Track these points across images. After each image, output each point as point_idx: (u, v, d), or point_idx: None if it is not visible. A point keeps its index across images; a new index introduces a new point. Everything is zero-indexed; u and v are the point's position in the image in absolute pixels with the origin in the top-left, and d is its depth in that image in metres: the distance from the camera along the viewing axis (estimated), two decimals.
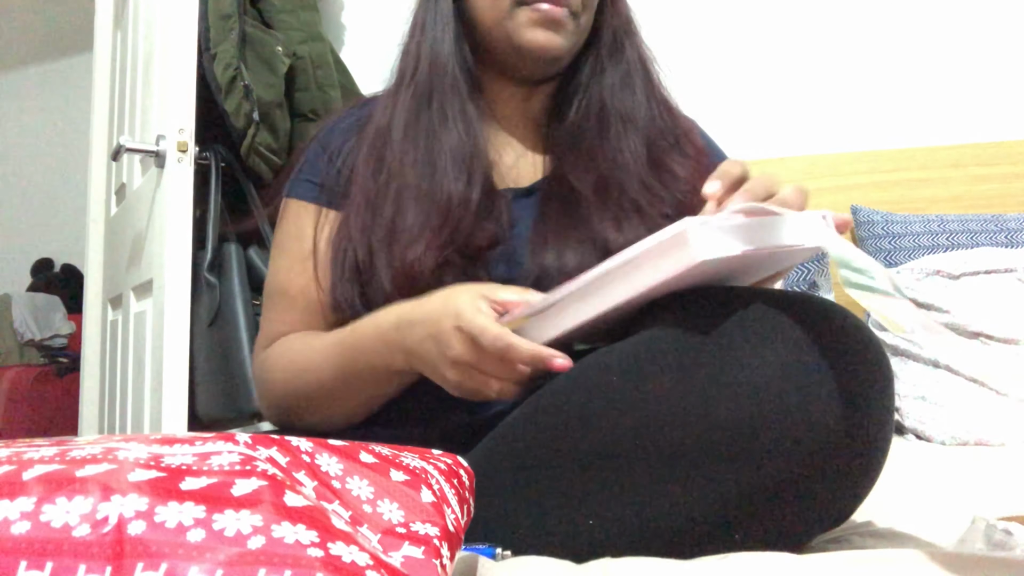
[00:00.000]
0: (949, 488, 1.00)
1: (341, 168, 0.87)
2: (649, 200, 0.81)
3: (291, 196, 0.90)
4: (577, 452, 0.59)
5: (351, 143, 0.88)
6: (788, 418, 0.53)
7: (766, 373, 0.53)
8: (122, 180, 1.91)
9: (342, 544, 0.34)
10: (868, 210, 1.75)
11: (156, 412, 1.46)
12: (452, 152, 0.82)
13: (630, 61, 0.88)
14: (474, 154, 0.82)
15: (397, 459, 0.45)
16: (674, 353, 0.56)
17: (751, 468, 0.54)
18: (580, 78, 0.88)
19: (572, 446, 0.60)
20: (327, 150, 0.89)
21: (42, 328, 3.46)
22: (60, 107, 4.05)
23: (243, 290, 1.61)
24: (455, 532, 0.43)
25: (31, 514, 0.32)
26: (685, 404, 0.55)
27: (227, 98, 1.63)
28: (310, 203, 0.88)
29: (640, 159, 0.84)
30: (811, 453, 0.53)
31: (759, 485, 0.54)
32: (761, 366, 0.53)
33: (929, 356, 1.44)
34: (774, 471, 0.54)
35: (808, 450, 0.53)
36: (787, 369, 0.53)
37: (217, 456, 0.38)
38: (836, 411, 0.53)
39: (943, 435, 1.37)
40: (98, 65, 2.20)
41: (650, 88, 0.89)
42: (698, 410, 0.54)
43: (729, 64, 1.94)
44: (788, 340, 0.54)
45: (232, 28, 1.65)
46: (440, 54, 0.85)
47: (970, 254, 1.49)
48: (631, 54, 0.89)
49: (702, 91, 1.85)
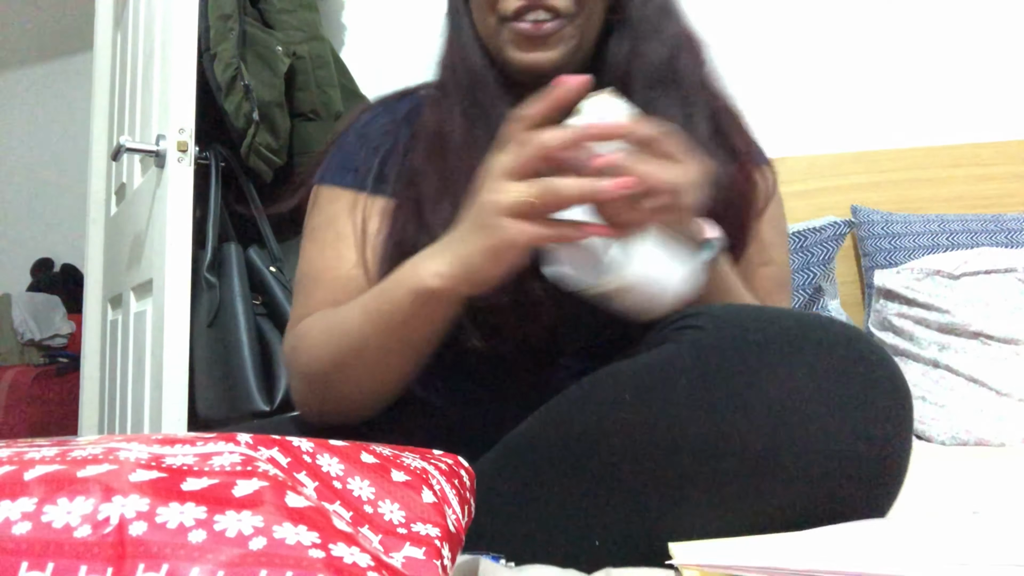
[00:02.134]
0: (949, 488, 1.00)
1: (387, 159, 0.83)
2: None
3: (323, 183, 0.86)
4: (586, 468, 0.58)
5: (403, 137, 0.84)
6: (805, 445, 0.52)
7: (783, 399, 0.52)
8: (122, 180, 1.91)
9: (343, 545, 0.34)
10: (868, 210, 1.75)
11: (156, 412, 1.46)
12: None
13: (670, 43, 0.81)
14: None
15: (398, 459, 0.45)
16: (690, 375, 0.55)
17: (765, 495, 0.53)
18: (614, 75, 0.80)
19: (582, 462, 0.59)
20: (368, 141, 0.86)
21: (42, 328, 3.46)
22: (60, 107, 4.05)
23: (243, 290, 1.61)
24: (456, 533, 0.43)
25: (32, 514, 0.32)
26: (701, 428, 0.53)
27: (227, 98, 1.63)
28: (345, 188, 0.84)
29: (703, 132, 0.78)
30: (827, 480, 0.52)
31: (774, 509, 0.53)
32: (779, 392, 0.52)
33: (929, 356, 1.44)
34: (789, 496, 0.53)
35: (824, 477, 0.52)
36: (805, 396, 0.52)
37: (218, 457, 0.38)
38: (854, 440, 0.52)
39: (943, 435, 1.37)
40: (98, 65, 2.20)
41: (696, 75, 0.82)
42: (713, 435, 0.53)
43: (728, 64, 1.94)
44: (807, 366, 0.53)
45: (232, 28, 1.65)
46: (474, 67, 0.82)
47: (970, 254, 1.49)
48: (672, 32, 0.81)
49: None
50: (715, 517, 0.55)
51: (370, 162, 0.84)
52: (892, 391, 0.54)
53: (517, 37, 0.77)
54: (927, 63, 1.89)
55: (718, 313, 0.58)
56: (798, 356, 0.53)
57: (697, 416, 0.54)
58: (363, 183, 0.84)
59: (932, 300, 1.45)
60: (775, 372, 0.53)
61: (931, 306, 1.45)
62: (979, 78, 1.87)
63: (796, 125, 1.91)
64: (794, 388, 0.52)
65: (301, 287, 0.85)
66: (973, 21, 1.88)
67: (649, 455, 0.55)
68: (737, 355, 0.54)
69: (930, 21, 1.90)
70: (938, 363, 1.42)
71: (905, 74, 1.89)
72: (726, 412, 0.53)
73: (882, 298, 1.57)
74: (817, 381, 0.52)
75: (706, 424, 0.53)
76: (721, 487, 0.54)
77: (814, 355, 0.53)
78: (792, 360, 0.53)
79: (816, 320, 0.56)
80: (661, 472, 0.55)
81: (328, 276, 0.83)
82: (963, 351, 1.40)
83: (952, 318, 1.42)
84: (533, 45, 0.77)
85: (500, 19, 0.77)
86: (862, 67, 1.91)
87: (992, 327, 1.39)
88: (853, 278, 1.82)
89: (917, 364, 1.46)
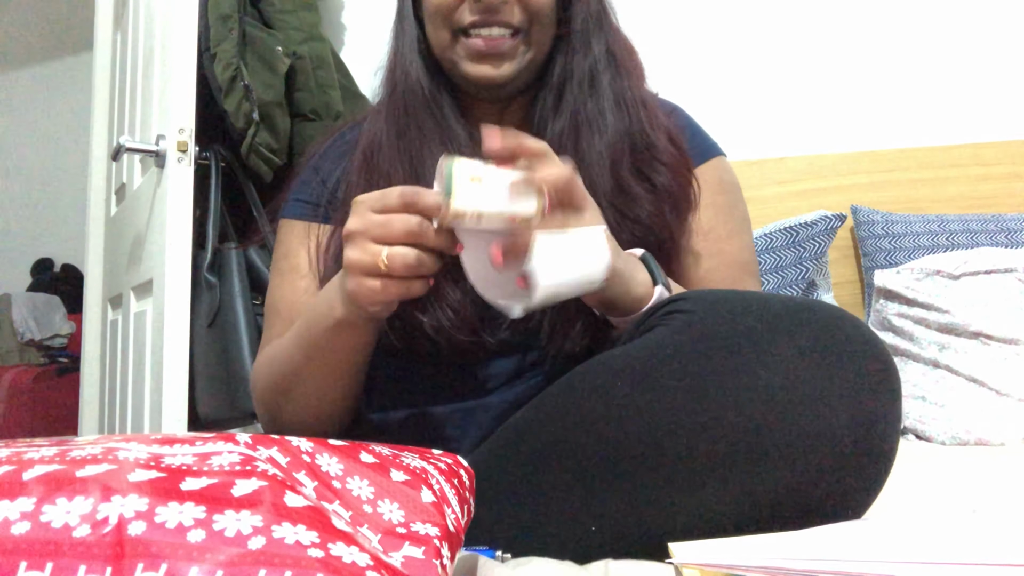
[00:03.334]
0: (949, 488, 1.00)
1: (335, 188, 0.87)
2: (615, 218, 0.77)
3: (283, 216, 0.91)
4: (582, 457, 0.59)
5: (345, 164, 0.88)
6: (796, 427, 0.52)
7: (773, 382, 0.53)
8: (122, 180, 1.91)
9: (342, 544, 0.34)
10: (868, 210, 1.75)
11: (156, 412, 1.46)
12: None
13: (597, 57, 0.82)
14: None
15: (397, 459, 0.45)
16: (681, 360, 0.56)
17: (758, 476, 0.54)
18: (552, 84, 0.83)
19: (576, 451, 0.59)
20: (320, 172, 0.90)
21: (42, 328, 3.46)
22: (60, 107, 4.05)
23: (243, 290, 1.61)
24: (455, 532, 0.43)
25: (31, 514, 0.32)
26: (693, 413, 0.54)
27: (227, 98, 1.63)
28: (298, 220, 0.89)
29: (605, 173, 0.79)
30: (818, 462, 0.53)
31: (766, 492, 0.54)
32: (769, 375, 0.53)
33: (929, 356, 1.44)
34: (781, 479, 0.54)
35: (815, 459, 0.53)
36: (795, 378, 0.53)
37: (217, 456, 0.38)
38: (844, 420, 0.53)
39: (943, 435, 1.37)
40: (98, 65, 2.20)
41: (619, 86, 0.82)
42: (705, 419, 0.54)
43: (729, 64, 1.94)
44: (796, 348, 0.54)
45: (232, 28, 1.65)
46: (410, 77, 0.84)
47: (970, 254, 1.48)
48: (597, 49, 0.82)
49: (702, 91, 1.85)
50: (710, 500, 0.55)
51: (321, 191, 0.88)
52: (880, 370, 0.55)
53: (471, 52, 0.78)
54: (927, 63, 1.89)
55: (707, 296, 0.59)
56: (787, 339, 0.54)
57: (690, 401, 0.54)
58: (315, 213, 0.88)
59: (932, 300, 1.45)
60: (765, 356, 0.54)
61: (931, 306, 1.45)
62: (979, 78, 1.87)
63: (796, 125, 1.91)
64: (785, 371, 0.53)
65: (266, 319, 0.90)
66: (973, 21, 1.88)
67: (643, 441, 0.56)
68: (727, 340, 0.55)
69: (930, 21, 1.90)
70: (938, 363, 1.42)
71: (905, 74, 1.89)
72: (718, 397, 0.54)
73: (882, 298, 1.57)
74: (806, 363, 0.53)
75: (699, 409, 0.54)
76: (714, 470, 0.54)
77: (803, 337, 0.54)
78: (782, 343, 0.54)
79: (803, 303, 0.57)
80: (655, 458, 0.56)
81: (283, 307, 0.87)
82: (963, 351, 1.40)
83: (952, 318, 1.42)
84: (487, 60, 0.78)
85: (454, 33, 0.79)
86: (862, 67, 1.91)
87: (992, 327, 1.39)
88: (853, 278, 1.82)
89: (917, 364, 1.46)
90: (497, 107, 0.87)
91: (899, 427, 0.57)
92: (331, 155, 0.91)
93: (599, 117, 0.81)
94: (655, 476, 0.56)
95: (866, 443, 0.54)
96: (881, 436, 0.54)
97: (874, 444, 0.54)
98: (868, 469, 0.55)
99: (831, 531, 0.50)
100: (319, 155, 0.92)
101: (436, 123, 0.83)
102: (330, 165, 0.90)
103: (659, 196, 0.80)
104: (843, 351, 0.54)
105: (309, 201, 0.89)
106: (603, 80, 0.82)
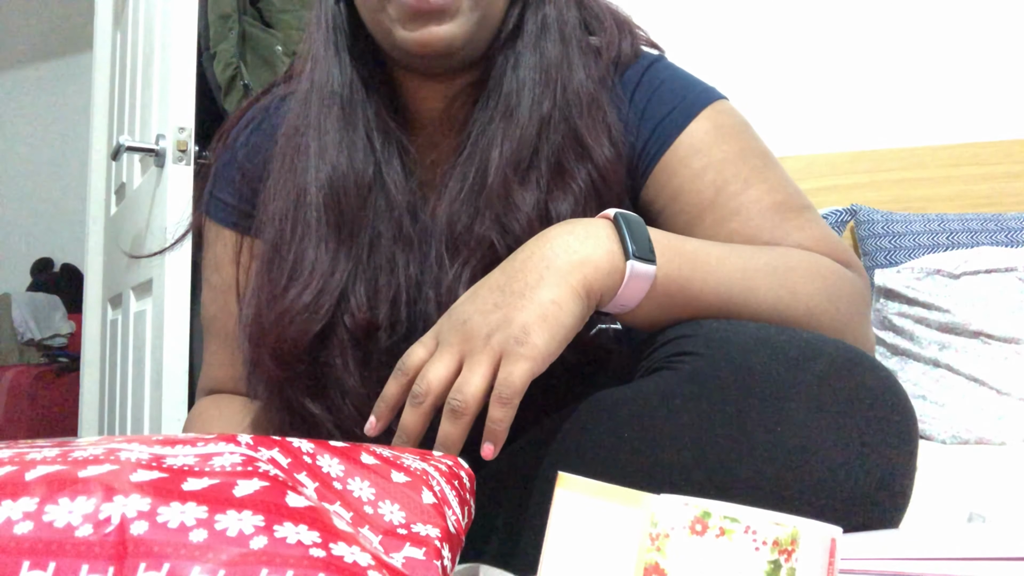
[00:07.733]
0: (949, 488, 1.00)
1: (257, 187, 0.76)
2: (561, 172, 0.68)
3: (208, 215, 0.80)
4: None
5: (263, 156, 0.76)
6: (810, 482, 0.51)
7: (789, 442, 0.51)
8: (122, 180, 1.91)
9: (344, 545, 0.34)
10: (868, 210, 1.75)
11: (156, 412, 1.46)
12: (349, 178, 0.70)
13: (547, 16, 0.70)
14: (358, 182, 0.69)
15: (398, 460, 0.45)
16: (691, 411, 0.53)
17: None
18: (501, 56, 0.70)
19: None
20: (245, 172, 0.78)
21: (42, 328, 3.46)
22: (60, 107, 4.05)
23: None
24: (456, 533, 0.43)
25: (34, 514, 0.32)
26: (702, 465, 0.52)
27: (227, 97, 1.63)
28: (226, 229, 0.79)
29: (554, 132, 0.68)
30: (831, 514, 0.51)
31: None
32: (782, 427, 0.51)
33: (929, 355, 1.44)
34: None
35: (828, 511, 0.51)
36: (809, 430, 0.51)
37: (219, 457, 0.38)
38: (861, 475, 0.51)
39: (943, 435, 1.37)
40: (98, 65, 2.20)
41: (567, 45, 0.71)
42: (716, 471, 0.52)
43: (728, 64, 1.94)
44: (812, 399, 0.51)
45: (232, 28, 1.65)
46: (319, 61, 0.71)
47: (970, 253, 1.49)
48: (550, 10, 0.71)
49: None
50: None
51: (248, 197, 0.77)
52: (899, 422, 0.53)
53: (403, 13, 0.64)
54: (927, 63, 1.89)
55: (715, 336, 0.55)
56: (802, 388, 0.51)
57: (700, 453, 0.52)
58: (246, 224, 0.77)
59: (932, 299, 1.45)
60: (778, 405, 0.51)
61: (931, 305, 1.45)
62: (979, 78, 1.87)
63: (796, 125, 1.91)
64: (798, 422, 0.51)
65: (205, 335, 0.84)
66: (973, 21, 1.88)
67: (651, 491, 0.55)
68: (738, 386, 0.52)
69: (930, 21, 1.90)
70: (938, 362, 1.42)
71: (905, 74, 1.89)
72: (730, 448, 0.52)
73: (882, 297, 1.57)
74: (820, 413, 0.51)
75: (709, 461, 0.52)
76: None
77: (818, 386, 0.52)
78: (795, 392, 0.51)
79: (818, 344, 0.54)
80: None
81: (218, 328, 0.81)
82: (963, 350, 1.40)
83: (952, 317, 1.42)
84: (424, 20, 0.64)
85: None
86: (862, 67, 1.91)
87: (992, 326, 1.39)
88: None
89: (917, 363, 1.46)
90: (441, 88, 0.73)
91: (915, 472, 0.55)
92: (255, 148, 0.78)
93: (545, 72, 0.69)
94: None
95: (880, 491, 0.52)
96: (900, 490, 0.53)
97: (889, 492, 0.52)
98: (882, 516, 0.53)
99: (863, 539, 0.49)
100: (241, 143, 0.79)
101: (349, 125, 0.71)
102: (255, 162, 0.77)
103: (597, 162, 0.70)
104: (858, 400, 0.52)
105: (236, 206, 0.78)
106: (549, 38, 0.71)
